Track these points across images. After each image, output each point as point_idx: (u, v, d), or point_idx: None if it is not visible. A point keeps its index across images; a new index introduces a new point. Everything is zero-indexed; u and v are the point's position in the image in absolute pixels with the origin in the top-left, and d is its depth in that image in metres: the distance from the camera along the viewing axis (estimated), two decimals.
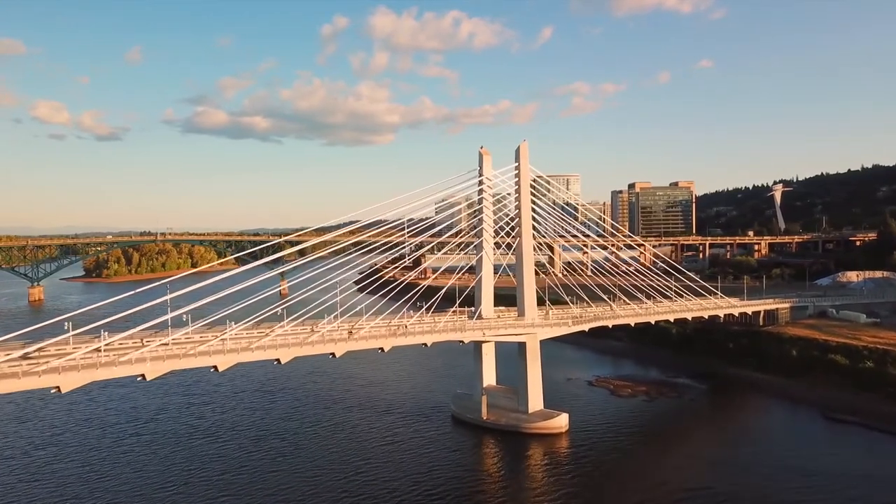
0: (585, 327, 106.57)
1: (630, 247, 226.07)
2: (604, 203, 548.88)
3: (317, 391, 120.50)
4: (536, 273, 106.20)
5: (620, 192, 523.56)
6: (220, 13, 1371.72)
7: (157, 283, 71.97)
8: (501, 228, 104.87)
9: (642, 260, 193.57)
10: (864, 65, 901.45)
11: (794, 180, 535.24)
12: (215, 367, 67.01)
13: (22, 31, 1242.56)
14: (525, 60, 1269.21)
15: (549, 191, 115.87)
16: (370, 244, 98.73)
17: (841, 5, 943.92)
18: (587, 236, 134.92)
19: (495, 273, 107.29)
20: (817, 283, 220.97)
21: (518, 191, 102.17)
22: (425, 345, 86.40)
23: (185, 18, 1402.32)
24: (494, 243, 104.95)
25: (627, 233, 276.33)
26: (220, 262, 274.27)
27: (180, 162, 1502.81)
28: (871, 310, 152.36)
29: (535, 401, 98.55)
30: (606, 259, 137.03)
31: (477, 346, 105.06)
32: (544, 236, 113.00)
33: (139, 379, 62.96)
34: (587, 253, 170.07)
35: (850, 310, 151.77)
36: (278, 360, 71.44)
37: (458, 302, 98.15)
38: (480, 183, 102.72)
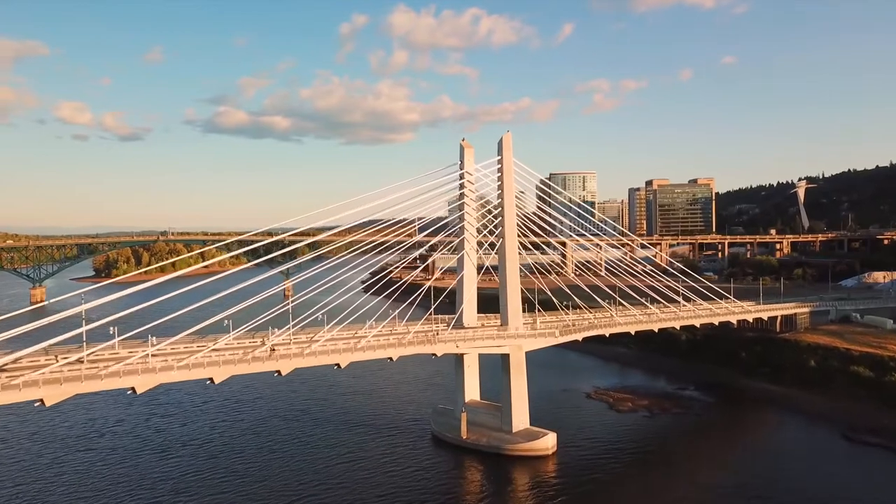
0: (578, 337, 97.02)
1: (644, 246, 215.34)
2: (621, 201, 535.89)
3: (290, 401, 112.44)
4: (524, 275, 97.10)
5: (638, 189, 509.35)
6: (238, 13, 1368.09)
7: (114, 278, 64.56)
8: (485, 227, 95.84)
9: (657, 260, 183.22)
10: (889, 60, 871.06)
11: (820, 177, 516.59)
12: (133, 389, 58.98)
13: (44, 32, 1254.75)
14: (545, 57, 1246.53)
15: (564, 189, 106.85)
16: (330, 243, 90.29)
17: (864, 2, 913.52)
18: (582, 236, 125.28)
19: (478, 273, 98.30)
20: (841, 285, 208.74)
21: (501, 186, 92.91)
22: (390, 359, 77.59)
23: (203, 18, 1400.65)
24: (477, 242, 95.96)
25: (628, 232, 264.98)
26: (191, 255, 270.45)
27: (201, 162, 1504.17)
28: None
29: (520, 419, 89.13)
30: (609, 262, 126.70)
31: (458, 356, 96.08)
32: (539, 235, 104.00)
33: (37, 404, 55.20)
34: (600, 252, 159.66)
35: (876, 314, 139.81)
36: (211, 379, 63.22)
37: (433, 307, 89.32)
38: (461, 177, 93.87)
